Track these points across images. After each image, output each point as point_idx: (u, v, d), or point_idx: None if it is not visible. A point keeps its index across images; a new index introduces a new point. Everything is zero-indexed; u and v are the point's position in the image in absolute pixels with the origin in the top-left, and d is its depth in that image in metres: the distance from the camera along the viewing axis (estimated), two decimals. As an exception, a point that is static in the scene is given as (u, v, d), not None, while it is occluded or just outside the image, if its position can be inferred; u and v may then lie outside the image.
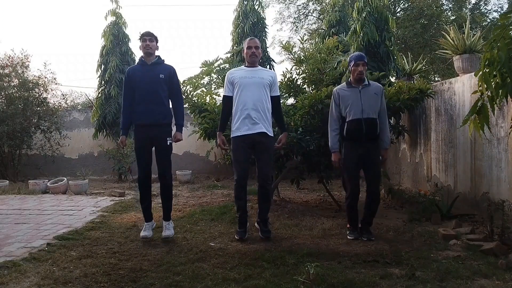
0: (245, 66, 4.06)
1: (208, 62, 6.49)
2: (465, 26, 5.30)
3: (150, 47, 3.93)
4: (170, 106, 4.05)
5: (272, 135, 3.96)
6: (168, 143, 3.95)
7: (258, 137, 3.81)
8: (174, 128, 4.08)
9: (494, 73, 2.46)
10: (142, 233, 3.91)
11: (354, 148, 3.88)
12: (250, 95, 3.83)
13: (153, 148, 4.00)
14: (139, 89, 3.91)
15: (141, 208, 4.09)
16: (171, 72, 4.01)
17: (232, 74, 3.97)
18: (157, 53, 4.04)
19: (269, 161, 3.92)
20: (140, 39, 3.96)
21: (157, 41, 4.00)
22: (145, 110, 3.88)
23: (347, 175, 4.02)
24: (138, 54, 9.87)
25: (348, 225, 4.01)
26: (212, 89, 6.41)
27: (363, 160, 3.88)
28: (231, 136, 3.94)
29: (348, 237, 3.89)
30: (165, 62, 4.07)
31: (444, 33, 5.64)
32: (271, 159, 3.97)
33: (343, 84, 4.13)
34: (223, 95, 4.04)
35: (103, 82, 9.56)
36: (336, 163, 3.99)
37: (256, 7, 9.51)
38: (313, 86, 5.68)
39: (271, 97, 3.96)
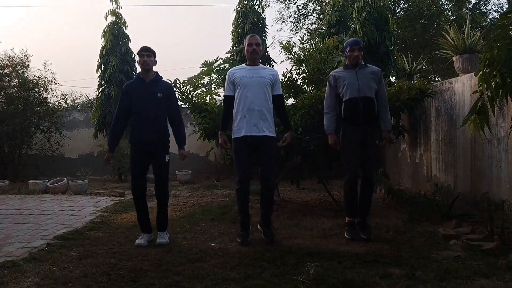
0: (246, 64, 3.99)
1: (208, 62, 6.49)
2: (465, 26, 5.29)
3: (148, 63, 3.87)
4: (168, 124, 3.98)
5: (275, 135, 3.90)
6: (166, 160, 3.91)
7: (259, 138, 3.75)
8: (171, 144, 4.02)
9: (494, 73, 2.46)
10: (138, 241, 3.83)
11: (353, 130, 3.85)
12: (251, 95, 3.77)
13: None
14: (136, 108, 3.87)
15: (138, 222, 4.01)
16: (169, 90, 3.98)
17: (233, 73, 3.91)
18: (155, 68, 3.99)
19: (271, 163, 3.84)
20: (137, 54, 3.92)
21: (155, 56, 3.94)
22: (142, 129, 3.85)
23: (345, 159, 3.94)
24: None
25: (346, 219, 3.95)
26: (212, 89, 6.41)
27: (361, 143, 3.83)
28: (232, 137, 3.88)
29: (345, 235, 3.86)
30: (163, 79, 4.03)
31: (444, 33, 5.63)
32: (273, 160, 3.89)
33: (340, 67, 4.14)
34: (224, 95, 3.99)
35: (103, 82, 9.57)
36: (333, 145, 3.94)
37: (256, 7, 9.51)
38: (313, 86, 5.68)
39: (273, 95, 3.88)
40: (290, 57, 5.96)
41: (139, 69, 4.03)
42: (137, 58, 4.04)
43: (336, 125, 3.94)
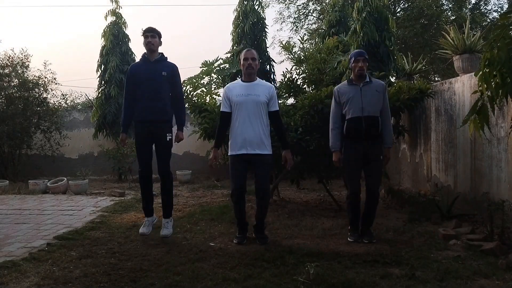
0: (242, 80, 3.95)
1: (208, 62, 6.49)
2: (465, 26, 5.29)
3: (153, 44, 3.91)
4: (171, 103, 4.03)
5: (271, 151, 3.88)
6: (168, 139, 3.94)
7: (255, 156, 3.77)
8: (174, 127, 4.07)
9: (494, 73, 2.46)
10: (141, 229, 3.90)
11: (355, 146, 3.83)
12: (246, 114, 3.76)
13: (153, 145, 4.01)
14: (140, 86, 3.92)
15: (142, 204, 4.10)
16: (173, 70, 4.00)
17: (230, 90, 3.88)
18: (160, 49, 4.02)
19: (266, 175, 3.88)
20: (142, 35, 3.93)
21: (159, 37, 3.97)
22: (145, 106, 3.89)
23: (347, 175, 3.99)
24: (138, 54, 9.86)
25: (349, 226, 3.97)
26: (212, 89, 6.41)
27: (364, 159, 3.83)
28: (229, 153, 3.90)
29: (348, 239, 3.85)
30: (168, 60, 4.05)
31: (444, 33, 5.63)
32: (268, 173, 3.95)
33: (344, 82, 4.08)
34: (221, 110, 3.95)
35: (103, 82, 9.56)
36: (337, 162, 3.94)
37: (256, 7, 9.49)
38: (313, 86, 5.68)
39: (269, 112, 3.86)
40: (290, 57, 5.96)
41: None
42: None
43: (340, 142, 3.93)
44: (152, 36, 3.90)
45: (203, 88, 6.20)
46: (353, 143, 3.85)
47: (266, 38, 9.63)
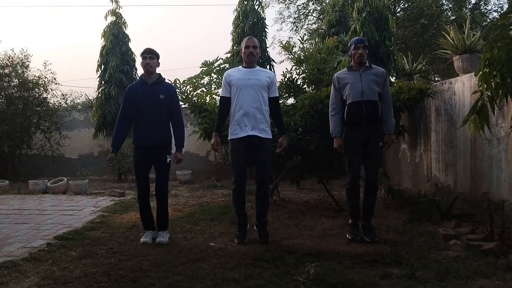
0: (242, 66, 3.99)
1: (208, 62, 6.48)
2: (465, 26, 5.29)
3: (151, 65, 3.90)
4: (170, 125, 4.03)
5: (270, 136, 3.90)
6: (168, 161, 3.95)
7: (255, 139, 3.77)
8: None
9: (494, 73, 2.46)
10: (143, 239, 3.89)
11: (355, 131, 3.81)
12: (247, 98, 3.78)
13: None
14: (139, 110, 3.90)
15: (142, 221, 4.07)
16: (171, 93, 4.00)
17: (230, 75, 3.91)
18: (158, 70, 4.02)
19: (266, 163, 3.86)
20: (140, 56, 3.94)
21: (158, 58, 3.97)
22: (145, 131, 3.88)
23: (348, 160, 3.91)
24: (138, 54, 9.87)
25: (349, 221, 3.92)
26: (212, 89, 6.40)
27: (364, 144, 3.80)
28: (229, 138, 3.90)
29: (347, 236, 3.84)
30: (165, 81, 4.06)
31: (444, 33, 5.64)
32: (268, 160, 3.91)
33: (344, 68, 4.08)
34: (221, 96, 3.98)
35: (103, 82, 9.56)
36: (339, 148, 3.91)
37: (256, 7, 9.50)
38: (313, 86, 5.67)
39: (269, 98, 3.89)
40: (290, 57, 5.95)
41: (140, 70, 4.06)
42: (137, 59, 4.09)
43: (341, 128, 3.92)
44: (150, 57, 3.90)
45: (203, 88, 6.19)
46: (354, 127, 3.83)
47: (266, 38, 9.65)
